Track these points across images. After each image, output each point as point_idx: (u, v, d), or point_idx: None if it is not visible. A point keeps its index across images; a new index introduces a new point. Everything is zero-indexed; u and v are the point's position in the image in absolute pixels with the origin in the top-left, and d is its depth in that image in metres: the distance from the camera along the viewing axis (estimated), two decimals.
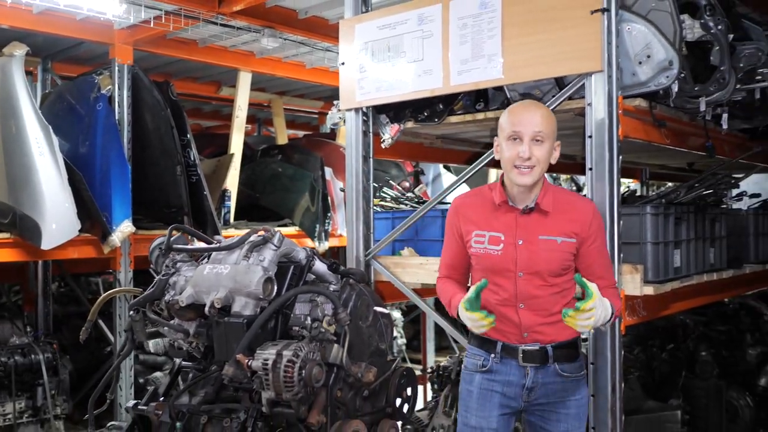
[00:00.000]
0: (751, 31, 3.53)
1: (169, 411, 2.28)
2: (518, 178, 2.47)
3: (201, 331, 2.33)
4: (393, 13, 3.42)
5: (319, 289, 2.21)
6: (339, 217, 6.48)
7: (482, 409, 2.56)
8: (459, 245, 2.63)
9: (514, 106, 2.60)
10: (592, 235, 2.53)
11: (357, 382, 2.22)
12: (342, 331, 2.19)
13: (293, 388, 1.98)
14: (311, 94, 8.05)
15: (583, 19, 2.80)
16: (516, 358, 2.53)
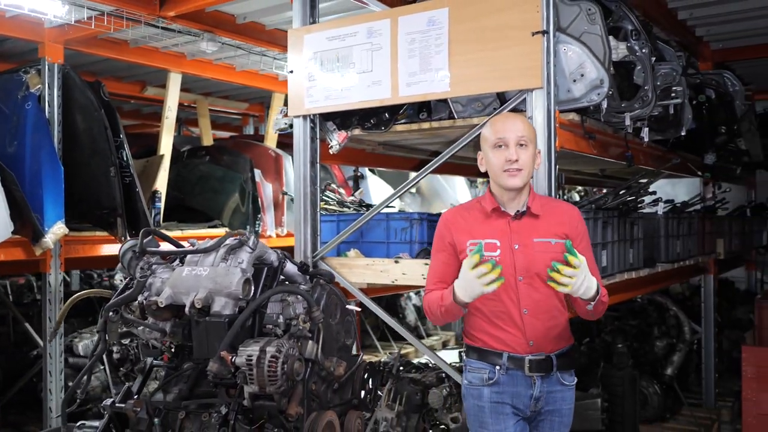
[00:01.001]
0: (665, 52, 3.91)
1: (146, 407, 2.37)
2: (509, 181, 2.53)
3: (176, 331, 2.42)
4: (342, 26, 3.57)
5: (296, 290, 2.35)
6: (268, 219, 6.57)
7: (497, 422, 2.56)
8: (451, 257, 2.62)
9: (495, 117, 2.78)
10: (579, 235, 2.61)
11: (329, 375, 2.37)
12: (316, 329, 2.34)
13: (276, 381, 2.12)
14: (237, 96, 8.09)
15: (524, 39, 3.04)
16: (522, 368, 2.54)
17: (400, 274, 3.57)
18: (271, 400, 2.19)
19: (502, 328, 2.55)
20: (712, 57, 5.85)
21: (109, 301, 2.52)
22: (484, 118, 3.26)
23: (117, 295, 2.49)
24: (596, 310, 2.54)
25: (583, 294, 2.41)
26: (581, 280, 2.37)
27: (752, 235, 6.90)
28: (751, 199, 7.35)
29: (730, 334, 6.76)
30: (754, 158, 5.67)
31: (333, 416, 2.34)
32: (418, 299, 8.97)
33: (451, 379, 3.88)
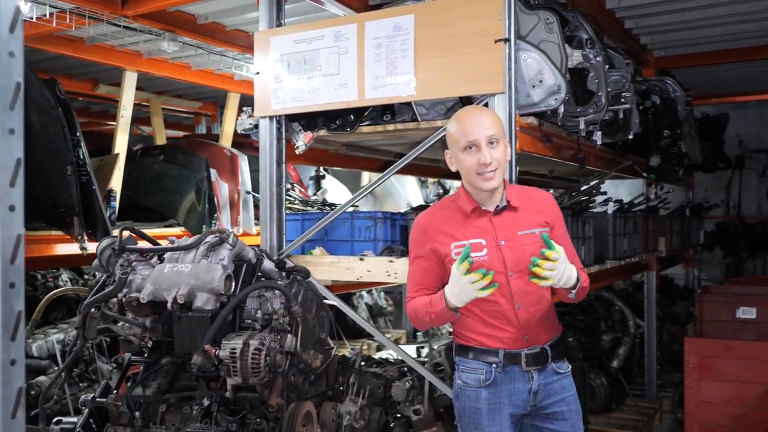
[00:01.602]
0: (615, 60, 4.12)
1: (126, 402, 2.42)
2: (485, 184, 2.47)
3: (156, 326, 2.47)
4: (309, 29, 3.66)
5: (276, 285, 2.43)
6: (224, 218, 6.58)
7: (493, 424, 2.55)
8: (432, 263, 2.56)
9: (460, 114, 2.60)
10: (558, 221, 2.62)
11: (306, 367, 2.46)
12: (294, 323, 2.43)
13: (260, 373, 2.20)
14: (190, 95, 8.07)
15: (487, 46, 3.18)
16: (519, 363, 2.53)
17: (365, 271, 3.68)
18: (253, 392, 2.27)
19: (497, 327, 2.52)
20: (655, 64, 6.13)
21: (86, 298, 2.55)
22: (447, 120, 3.40)
23: (95, 292, 2.53)
24: (578, 296, 2.55)
25: (564, 284, 2.41)
26: (562, 271, 2.36)
27: (690, 233, 7.24)
28: (690, 200, 7.70)
29: (671, 328, 7.08)
30: (693, 160, 5.97)
31: (311, 406, 2.44)
32: (370, 298, 9.08)
33: (414, 373, 4.01)
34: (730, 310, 4.45)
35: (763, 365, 4.26)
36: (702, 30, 5.43)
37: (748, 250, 8.17)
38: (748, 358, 4.31)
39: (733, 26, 5.31)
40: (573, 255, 2.60)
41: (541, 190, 2.76)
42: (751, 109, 8.65)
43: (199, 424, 2.33)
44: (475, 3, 3.21)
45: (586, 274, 2.64)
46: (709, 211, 7.90)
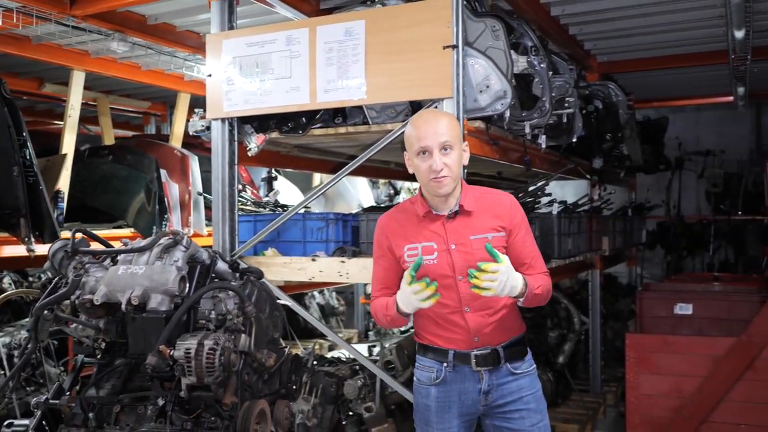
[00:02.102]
0: (559, 66, 4.26)
1: (80, 403, 2.43)
2: (437, 189, 2.49)
3: (110, 328, 2.49)
4: (261, 33, 3.70)
5: (230, 286, 2.48)
6: (175, 219, 6.55)
7: (442, 421, 2.59)
8: (391, 262, 2.61)
9: (416, 119, 2.61)
10: (517, 226, 2.58)
11: (260, 366, 2.51)
12: (248, 323, 2.47)
13: (214, 372, 2.25)
14: (139, 94, 7.99)
15: (436, 52, 3.27)
16: (469, 363, 2.55)
17: (317, 272, 3.74)
18: (207, 391, 2.32)
19: (447, 328, 2.56)
20: (598, 69, 6.34)
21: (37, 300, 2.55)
22: (397, 124, 3.48)
23: (48, 294, 2.53)
24: (531, 302, 2.53)
25: (509, 293, 2.40)
26: (503, 282, 2.35)
27: (632, 233, 7.48)
28: (632, 200, 7.96)
29: (614, 324, 7.31)
30: (634, 162, 6.19)
31: (264, 404, 2.49)
32: (322, 298, 9.12)
33: (365, 371, 4.08)
34: (668, 307, 4.64)
35: (700, 359, 4.46)
36: (643, 37, 5.64)
37: (687, 249, 8.48)
38: (685, 353, 4.50)
39: (673, 34, 5.53)
40: (535, 259, 2.62)
41: (505, 194, 2.71)
42: (690, 113, 8.99)
43: (153, 423, 2.36)
44: (424, 10, 3.30)
45: (547, 277, 2.62)
46: (650, 211, 8.17)
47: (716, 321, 4.54)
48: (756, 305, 4.43)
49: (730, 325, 4.49)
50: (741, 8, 4.23)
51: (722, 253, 8.48)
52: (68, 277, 2.55)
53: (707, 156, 8.57)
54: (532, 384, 2.65)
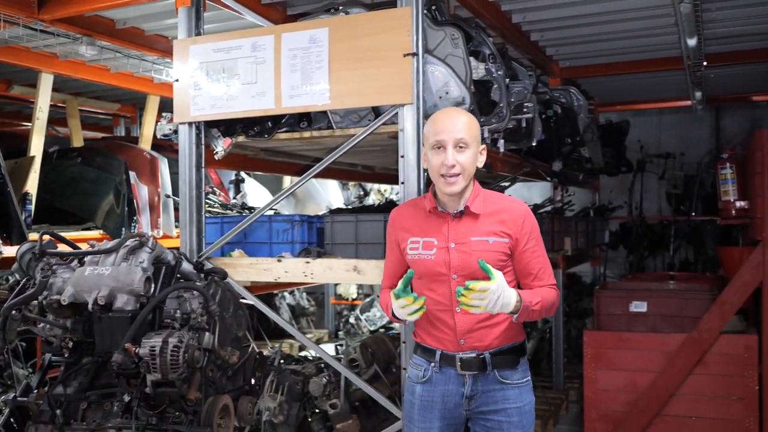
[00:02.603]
0: (518, 72, 4.40)
1: (48, 400, 2.50)
2: (445, 187, 2.49)
3: (77, 327, 2.57)
4: (228, 39, 3.79)
5: (194, 286, 2.57)
6: (144, 221, 6.59)
7: (424, 420, 2.59)
8: (398, 255, 2.65)
9: (436, 114, 2.62)
10: (525, 236, 2.53)
11: (224, 363, 2.60)
12: (212, 321, 2.57)
13: (178, 369, 2.34)
14: (109, 96, 8.00)
15: (397, 60, 3.39)
16: (454, 366, 2.53)
17: (283, 272, 3.83)
18: (172, 387, 2.40)
19: (438, 327, 2.56)
20: (560, 74, 6.50)
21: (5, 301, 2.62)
22: (360, 128, 3.60)
23: (16, 295, 2.60)
24: (528, 318, 2.50)
25: (500, 311, 2.37)
26: (493, 301, 2.32)
27: (595, 233, 7.67)
28: (594, 201, 8.15)
29: (577, 323, 7.49)
30: (596, 165, 6.36)
31: (228, 400, 2.58)
32: (292, 299, 9.20)
33: (330, 369, 4.18)
34: (624, 305, 4.81)
35: (653, 355, 4.64)
36: (603, 43, 5.81)
37: (648, 249, 8.70)
38: (639, 349, 4.68)
39: (631, 41, 5.71)
40: (542, 271, 2.57)
41: (518, 202, 2.67)
42: (653, 116, 9.22)
43: (119, 419, 2.44)
44: (385, 19, 3.42)
45: (553, 290, 2.57)
46: (613, 212, 8.38)
47: (669, 318, 4.72)
48: (707, 302, 4.62)
49: (682, 322, 4.67)
50: (691, 18, 4.40)
51: (682, 253, 8.72)
52: (36, 279, 2.62)
53: (668, 158, 8.79)
54: (519, 397, 2.57)
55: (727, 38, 5.65)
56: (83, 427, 2.47)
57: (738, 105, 8.70)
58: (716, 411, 4.50)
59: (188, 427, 2.38)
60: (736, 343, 4.49)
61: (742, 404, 4.45)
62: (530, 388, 2.63)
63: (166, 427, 2.40)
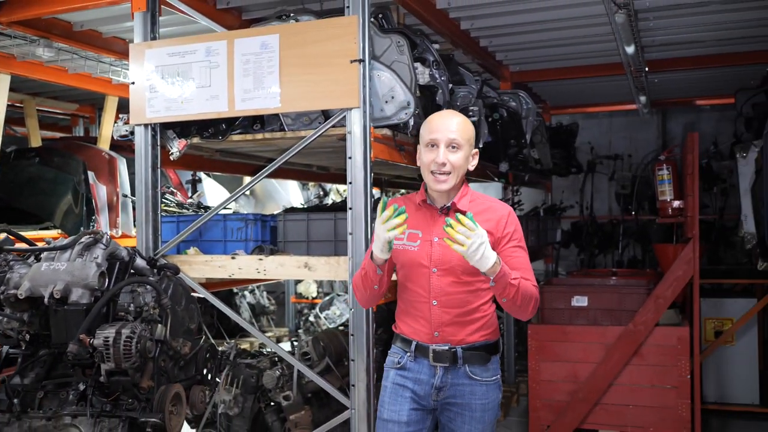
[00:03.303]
0: (465, 77, 4.61)
1: (5, 390, 2.62)
2: (434, 184, 2.57)
3: (33, 321, 2.68)
4: (182, 43, 3.91)
5: (147, 280, 2.70)
6: (103, 220, 6.66)
7: (393, 403, 2.67)
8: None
9: (432, 115, 2.70)
10: (507, 236, 2.60)
11: (176, 354, 2.74)
12: (164, 314, 2.70)
13: (131, 358, 2.47)
14: (67, 97, 8.03)
15: (344, 66, 3.55)
16: (427, 357, 2.61)
17: (237, 269, 3.96)
18: (125, 376, 2.54)
19: (415, 317, 2.64)
20: (511, 77, 6.73)
21: None
22: (310, 131, 3.75)
23: None
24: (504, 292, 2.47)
25: (478, 262, 2.37)
26: (477, 244, 2.33)
27: (547, 232, 7.92)
28: (545, 201, 8.42)
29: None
30: (544, 166, 6.61)
31: (180, 388, 2.72)
32: (252, 297, 9.30)
33: (284, 362, 4.34)
34: (566, 299, 5.04)
35: (593, 347, 4.88)
36: (550, 49, 6.05)
37: (599, 247, 9.00)
38: (580, 341, 4.92)
39: (574, 47, 5.96)
40: (524, 271, 2.57)
41: (503, 205, 2.75)
42: (603, 119, 9.53)
43: (74, 407, 2.57)
44: (333, 26, 3.58)
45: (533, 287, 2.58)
46: (563, 212, 8.66)
47: (608, 312, 4.96)
48: (643, 297, 4.87)
49: (620, 316, 4.92)
50: (626, 26, 4.64)
51: (631, 251, 9.04)
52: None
53: (617, 160, 9.11)
54: (486, 394, 2.65)
55: (666, 45, 5.94)
56: (40, 414, 2.59)
57: (682, 108, 9.06)
58: (652, 399, 4.76)
59: (141, 413, 2.52)
60: (670, 335, 4.75)
61: (675, 392, 4.71)
62: (498, 386, 2.71)
63: (119, 413, 2.53)
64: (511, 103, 5.61)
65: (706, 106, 8.83)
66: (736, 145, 5.93)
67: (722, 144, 8.37)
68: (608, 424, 4.85)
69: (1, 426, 2.61)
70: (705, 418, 5.06)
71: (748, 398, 5.98)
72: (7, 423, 2.62)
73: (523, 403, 6.51)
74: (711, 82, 7.40)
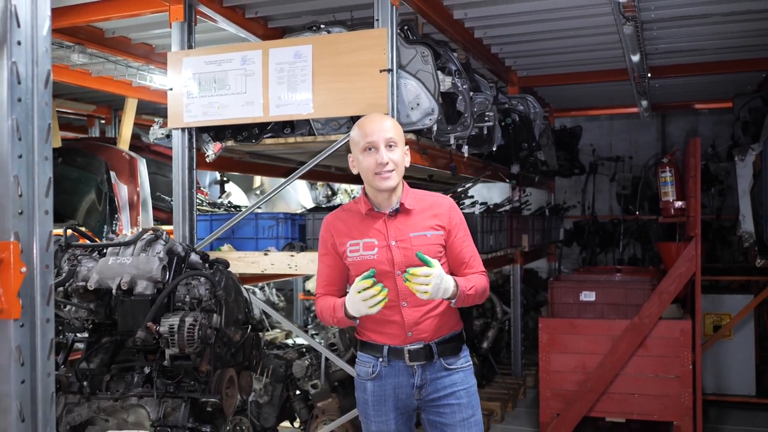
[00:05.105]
0: (481, 84, 4.87)
1: (75, 373, 2.87)
2: (381, 183, 2.59)
3: (99, 310, 2.93)
4: (219, 52, 4.16)
5: (205, 274, 2.95)
6: (124, 219, 6.90)
7: (379, 414, 2.69)
8: (335, 260, 2.71)
9: (362, 120, 2.72)
10: (456, 227, 2.70)
11: (229, 341, 2.99)
12: (219, 304, 2.95)
13: (194, 344, 2.72)
14: (86, 98, 8.26)
15: (374, 75, 3.81)
16: (402, 358, 2.63)
17: (269, 265, 4.22)
18: (187, 360, 2.78)
19: (385, 323, 2.65)
20: (518, 82, 7.00)
21: None
22: (340, 135, 4.01)
23: None
24: (464, 303, 2.62)
25: (442, 296, 2.50)
26: (437, 285, 2.44)
27: (551, 231, 8.19)
28: (549, 201, 8.69)
29: (534, 315, 8.00)
30: (550, 167, 6.88)
31: (233, 372, 2.98)
32: (263, 294, 9.54)
33: (312, 352, 4.59)
34: (575, 294, 5.31)
35: (601, 339, 5.14)
36: (557, 56, 6.33)
37: (600, 245, 9.29)
38: (588, 334, 5.18)
39: (581, 54, 6.24)
40: (473, 258, 2.72)
41: (443, 196, 2.83)
42: (604, 122, 9.81)
43: (140, 388, 2.82)
44: (364, 38, 3.84)
45: (483, 277, 2.71)
46: (567, 212, 8.93)
47: (615, 306, 5.22)
48: (648, 292, 5.14)
49: (626, 310, 5.18)
50: (633, 37, 4.92)
51: (631, 249, 9.32)
52: (62, 268, 2.97)
53: (618, 161, 9.40)
54: (465, 380, 2.72)
55: (669, 53, 6.22)
56: (108, 396, 2.84)
57: (682, 112, 9.35)
58: (656, 388, 5.03)
59: (201, 394, 2.77)
60: (673, 328, 5.02)
61: (678, 382, 4.98)
62: (472, 371, 2.78)
63: (182, 394, 2.78)
64: (520, 107, 5.88)
65: (705, 110, 9.13)
66: (734, 148, 6.21)
67: (720, 146, 8.67)
68: (615, 411, 5.12)
69: (72, 406, 2.85)
70: (704, 408, 5.32)
71: (745, 390, 6.27)
72: (77, 403, 2.87)
73: (530, 395, 6.77)
74: (710, 87, 7.70)
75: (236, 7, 4.70)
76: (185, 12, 4.30)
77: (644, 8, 4.77)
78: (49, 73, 1.77)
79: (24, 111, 1.70)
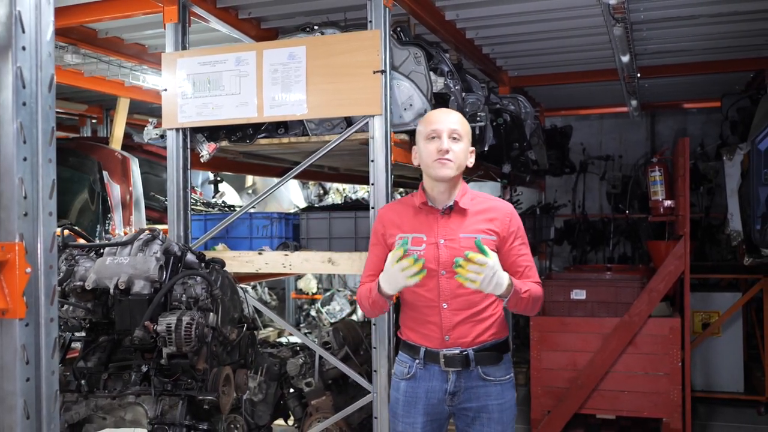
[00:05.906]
0: (473, 84, 4.92)
1: (73, 372, 2.90)
2: (439, 171, 2.55)
3: (96, 309, 2.95)
4: (213, 53, 4.19)
5: (201, 273, 2.98)
6: (117, 218, 6.92)
7: (407, 415, 2.66)
8: (383, 250, 2.68)
9: (431, 111, 2.79)
10: (512, 234, 2.63)
11: (225, 340, 3.03)
12: (215, 303, 2.98)
13: (191, 342, 2.75)
14: (77, 98, 8.26)
15: (368, 76, 3.84)
16: (438, 362, 2.59)
17: (264, 264, 4.25)
18: (184, 359, 2.81)
19: (423, 323, 2.63)
20: (510, 82, 7.05)
21: None
22: (333, 135, 4.04)
23: None
24: (517, 306, 2.54)
25: (493, 290, 2.42)
26: (489, 277, 2.36)
27: (542, 230, 8.24)
28: (540, 200, 8.76)
29: None
30: (541, 166, 6.93)
31: (229, 371, 3.01)
32: (254, 293, 9.57)
33: (305, 351, 4.63)
34: (565, 292, 5.37)
35: (591, 337, 5.21)
36: (547, 56, 6.38)
37: (590, 244, 9.36)
38: (579, 332, 5.25)
39: (572, 54, 6.29)
40: (529, 269, 2.65)
41: (504, 202, 2.77)
42: (594, 121, 9.88)
43: (138, 386, 2.85)
44: (357, 39, 3.88)
45: (539, 286, 2.64)
46: (558, 210, 9.00)
47: (605, 304, 5.29)
48: (637, 290, 5.21)
49: (616, 308, 5.25)
50: (623, 38, 4.98)
51: (621, 248, 9.40)
52: (59, 268, 2.99)
53: (608, 160, 9.47)
54: (501, 394, 2.64)
55: (658, 53, 6.28)
56: (105, 394, 2.87)
57: (671, 111, 9.43)
58: (645, 385, 5.10)
59: (198, 392, 2.80)
60: (662, 326, 5.09)
61: (667, 379, 5.05)
62: (512, 384, 2.71)
63: (179, 392, 2.81)
64: (511, 107, 5.93)
65: (693, 109, 9.21)
66: (722, 147, 6.29)
67: (708, 146, 8.76)
68: (605, 408, 5.19)
69: (70, 405, 2.88)
70: (693, 405, 5.40)
71: (733, 386, 6.36)
72: (75, 402, 2.90)
73: (522, 393, 6.80)
74: (698, 86, 7.78)
75: (229, 8, 4.72)
76: (179, 13, 4.32)
77: (634, 10, 4.83)
78: (53, 77, 1.80)
79: (28, 114, 1.74)
